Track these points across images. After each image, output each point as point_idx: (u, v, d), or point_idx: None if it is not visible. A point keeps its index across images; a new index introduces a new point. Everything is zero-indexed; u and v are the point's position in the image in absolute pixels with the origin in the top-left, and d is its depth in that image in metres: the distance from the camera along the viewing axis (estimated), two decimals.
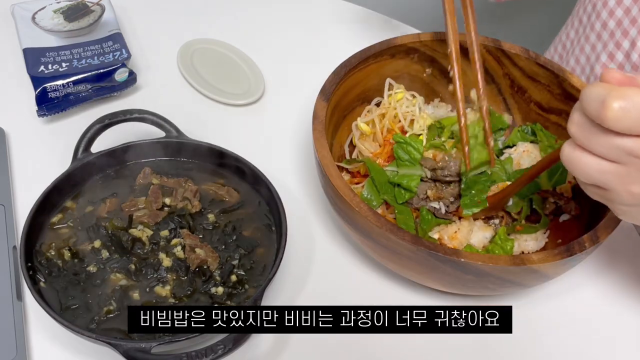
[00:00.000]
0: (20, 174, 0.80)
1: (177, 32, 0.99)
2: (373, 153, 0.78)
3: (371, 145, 0.79)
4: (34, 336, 0.66)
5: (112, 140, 0.77)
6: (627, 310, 0.74)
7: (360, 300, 0.72)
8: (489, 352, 0.69)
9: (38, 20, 0.93)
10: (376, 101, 0.82)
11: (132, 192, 0.75)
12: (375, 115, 0.79)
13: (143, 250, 0.69)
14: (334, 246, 0.77)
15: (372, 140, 0.79)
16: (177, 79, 0.94)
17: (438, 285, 0.68)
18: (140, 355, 0.59)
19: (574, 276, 0.75)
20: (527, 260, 0.61)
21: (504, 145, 0.80)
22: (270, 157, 0.81)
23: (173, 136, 0.77)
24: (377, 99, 0.82)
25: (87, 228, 0.70)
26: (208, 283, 0.67)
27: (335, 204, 0.68)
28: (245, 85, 0.93)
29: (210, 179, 0.76)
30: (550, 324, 0.72)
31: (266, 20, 1.05)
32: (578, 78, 0.77)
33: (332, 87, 0.73)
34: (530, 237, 0.72)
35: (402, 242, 0.61)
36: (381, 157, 0.77)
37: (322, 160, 0.67)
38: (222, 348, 0.59)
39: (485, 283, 0.63)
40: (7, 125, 0.84)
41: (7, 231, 0.72)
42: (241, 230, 0.72)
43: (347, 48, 0.80)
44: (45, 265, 0.67)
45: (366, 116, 0.80)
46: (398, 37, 0.79)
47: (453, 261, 0.61)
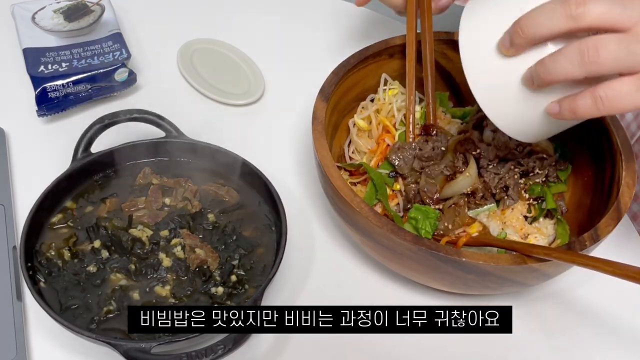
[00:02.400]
0: (20, 174, 0.80)
1: (177, 32, 0.99)
2: (369, 150, 0.78)
3: (367, 142, 0.79)
4: (34, 336, 0.66)
5: (112, 140, 0.77)
6: (627, 309, 0.74)
7: (361, 299, 0.72)
8: (489, 351, 0.69)
9: (38, 20, 0.93)
10: (371, 97, 0.82)
11: (132, 192, 0.75)
12: (372, 111, 0.79)
13: (143, 250, 0.69)
14: (334, 246, 0.77)
15: (368, 137, 0.79)
16: (177, 79, 0.94)
17: (439, 285, 0.68)
18: (140, 355, 0.59)
19: (574, 275, 0.75)
20: (528, 259, 0.61)
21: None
22: (270, 157, 0.81)
23: (173, 136, 0.77)
24: (371, 96, 0.82)
25: (87, 228, 0.70)
26: (208, 283, 0.67)
27: (336, 204, 0.68)
28: (245, 85, 0.93)
29: (210, 179, 0.76)
30: (551, 323, 0.72)
31: (266, 20, 1.05)
32: None
33: (331, 88, 0.73)
34: (541, 235, 0.72)
35: (403, 242, 0.61)
36: (376, 156, 0.77)
37: (322, 161, 0.67)
38: (222, 348, 0.59)
39: (487, 282, 0.63)
40: (7, 125, 0.84)
41: (7, 231, 0.72)
42: (241, 230, 0.72)
43: (347, 48, 0.80)
44: (45, 265, 0.67)
45: (361, 112, 0.80)
46: (396, 37, 0.79)
47: (454, 261, 0.60)
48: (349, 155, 0.80)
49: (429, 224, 0.69)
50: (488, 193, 0.72)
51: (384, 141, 0.78)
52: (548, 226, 0.73)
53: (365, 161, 0.77)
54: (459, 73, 0.82)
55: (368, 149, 0.79)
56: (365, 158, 0.79)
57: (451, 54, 0.82)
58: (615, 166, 0.70)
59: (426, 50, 0.79)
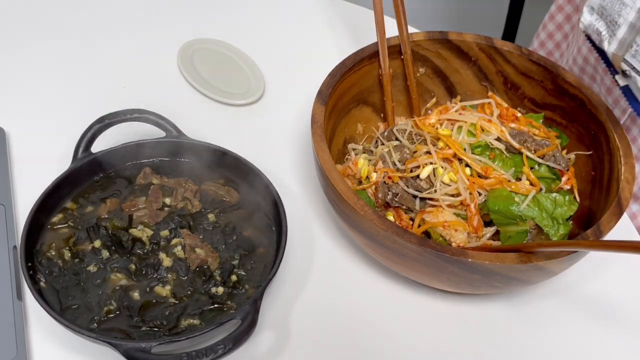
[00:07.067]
0: (20, 174, 0.80)
1: (177, 32, 0.99)
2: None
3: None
4: (34, 336, 0.66)
5: (112, 140, 0.77)
6: (627, 307, 0.74)
7: (361, 300, 0.72)
8: (492, 349, 0.69)
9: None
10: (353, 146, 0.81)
11: (132, 192, 0.75)
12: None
13: (143, 250, 0.69)
14: (334, 246, 0.77)
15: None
16: (177, 79, 0.94)
17: (445, 285, 0.68)
18: (140, 355, 0.59)
19: (577, 272, 0.75)
20: (533, 257, 0.61)
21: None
22: (270, 157, 0.81)
23: (173, 136, 0.77)
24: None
25: (87, 228, 0.70)
26: (208, 283, 0.67)
27: (339, 207, 0.67)
28: (245, 85, 0.93)
29: (210, 179, 0.77)
30: (554, 319, 0.72)
31: (266, 20, 1.05)
32: (571, 74, 0.77)
33: (329, 90, 0.73)
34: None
35: (408, 245, 0.61)
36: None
37: (324, 165, 0.67)
38: (222, 348, 0.59)
39: (492, 282, 0.63)
40: (7, 125, 0.84)
41: (7, 231, 0.72)
42: (241, 230, 0.72)
43: (347, 48, 0.80)
44: (46, 265, 0.67)
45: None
46: (391, 38, 0.79)
47: (460, 261, 0.60)
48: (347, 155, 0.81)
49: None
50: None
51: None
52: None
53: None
54: (453, 72, 0.83)
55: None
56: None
57: (446, 53, 0.82)
58: (613, 162, 0.70)
59: (406, 47, 0.80)
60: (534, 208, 0.70)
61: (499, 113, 0.78)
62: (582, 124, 0.76)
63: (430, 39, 0.80)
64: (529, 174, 0.72)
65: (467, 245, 0.69)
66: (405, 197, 0.71)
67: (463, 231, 0.69)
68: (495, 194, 0.70)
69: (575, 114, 0.77)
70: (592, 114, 0.74)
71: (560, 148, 0.77)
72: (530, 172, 0.72)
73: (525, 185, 0.71)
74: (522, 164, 0.72)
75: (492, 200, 0.70)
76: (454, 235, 0.69)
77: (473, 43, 0.81)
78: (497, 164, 0.72)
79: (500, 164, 0.72)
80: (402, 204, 0.71)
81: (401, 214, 0.72)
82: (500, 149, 0.73)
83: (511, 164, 0.72)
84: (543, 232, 0.70)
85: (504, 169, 0.72)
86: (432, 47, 0.81)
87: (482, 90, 0.83)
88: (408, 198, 0.71)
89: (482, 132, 0.73)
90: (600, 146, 0.73)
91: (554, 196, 0.70)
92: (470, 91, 0.84)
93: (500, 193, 0.70)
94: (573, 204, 0.71)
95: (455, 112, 0.77)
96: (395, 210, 0.72)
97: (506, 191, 0.70)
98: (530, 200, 0.69)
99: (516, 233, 0.69)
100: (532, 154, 0.73)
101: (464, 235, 0.69)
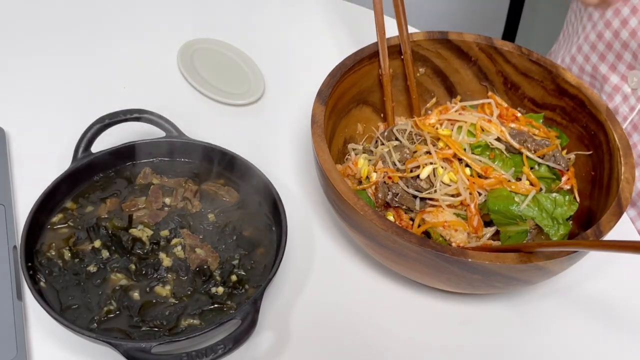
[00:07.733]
0: (20, 174, 0.80)
1: (177, 32, 1.00)
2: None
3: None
4: (34, 336, 0.66)
5: (112, 140, 0.77)
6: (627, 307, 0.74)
7: (361, 300, 0.72)
8: (492, 348, 0.69)
9: None
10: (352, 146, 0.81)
11: (132, 192, 0.75)
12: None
13: (143, 250, 0.69)
14: (334, 246, 0.77)
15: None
16: (177, 79, 0.94)
17: (445, 285, 0.68)
18: (140, 355, 0.59)
19: (576, 272, 0.75)
20: (533, 257, 0.61)
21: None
22: (270, 157, 0.81)
23: (173, 136, 0.77)
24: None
25: (87, 228, 0.70)
26: (208, 283, 0.67)
27: (339, 208, 0.68)
28: (245, 85, 0.93)
29: (210, 179, 0.77)
30: (553, 319, 0.72)
31: (266, 20, 1.05)
32: (571, 74, 0.77)
33: (329, 90, 0.73)
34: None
35: (408, 245, 0.61)
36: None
37: (324, 165, 0.67)
38: (222, 348, 0.59)
39: (492, 282, 0.63)
40: (7, 125, 0.84)
41: (7, 231, 0.72)
42: (241, 230, 0.72)
43: (347, 48, 0.80)
44: (46, 265, 0.67)
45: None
46: (391, 38, 0.79)
47: (460, 261, 0.60)
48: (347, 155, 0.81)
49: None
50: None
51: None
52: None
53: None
54: (453, 72, 0.83)
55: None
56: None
57: (446, 53, 0.82)
58: (613, 161, 0.70)
59: (406, 46, 0.80)
60: (534, 208, 0.70)
61: (499, 113, 0.78)
62: (582, 124, 0.77)
63: (430, 39, 0.80)
64: (529, 174, 0.72)
65: (467, 245, 0.69)
66: (405, 197, 0.71)
67: (463, 231, 0.69)
68: (495, 194, 0.70)
69: (575, 114, 0.77)
70: (592, 114, 0.75)
71: (560, 148, 0.77)
72: (530, 172, 0.72)
73: (525, 185, 0.71)
74: (522, 164, 0.72)
75: (492, 200, 0.70)
76: (454, 235, 0.69)
77: (473, 43, 0.81)
78: (497, 164, 0.72)
79: (500, 164, 0.72)
80: (402, 204, 0.71)
81: (401, 214, 0.72)
82: (500, 149, 0.73)
83: (511, 164, 0.72)
84: (543, 232, 0.70)
85: (504, 169, 0.72)
86: (432, 47, 0.81)
87: (482, 90, 0.84)
88: (408, 198, 0.71)
89: (482, 132, 0.73)
90: (600, 146, 0.73)
91: (554, 196, 0.70)
92: (470, 91, 0.84)
93: (500, 193, 0.70)
94: (573, 204, 0.71)
95: (455, 112, 0.77)
96: (395, 210, 0.72)
97: (506, 191, 0.70)
98: (530, 200, 0.69)
99: (516, 233, 0.69)
100: (532, 154, 0.73)
101: (464, 235, 0.69)
